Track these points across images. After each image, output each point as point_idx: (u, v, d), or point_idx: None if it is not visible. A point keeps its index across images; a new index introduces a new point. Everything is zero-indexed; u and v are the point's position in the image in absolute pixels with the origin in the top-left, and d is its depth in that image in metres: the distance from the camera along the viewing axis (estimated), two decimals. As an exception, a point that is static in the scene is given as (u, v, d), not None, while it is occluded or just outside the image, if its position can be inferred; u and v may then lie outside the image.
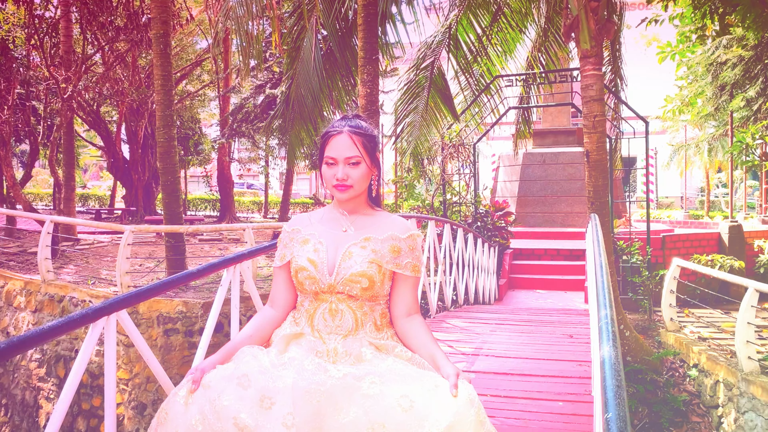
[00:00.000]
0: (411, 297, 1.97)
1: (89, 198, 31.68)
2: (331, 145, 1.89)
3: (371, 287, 1.86)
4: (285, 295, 2.03)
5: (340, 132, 1.89)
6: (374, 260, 1.87)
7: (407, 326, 1.94)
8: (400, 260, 1.92)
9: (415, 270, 1.96)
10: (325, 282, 1.86)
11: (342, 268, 1.86)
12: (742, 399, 5.56)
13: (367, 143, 1.91)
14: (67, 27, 12.57)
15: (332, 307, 1.88)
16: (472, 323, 6.43)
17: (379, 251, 1.89)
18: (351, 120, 1.93)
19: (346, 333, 1.86)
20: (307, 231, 1.98)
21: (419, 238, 1.98)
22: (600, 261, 2.85)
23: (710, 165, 23.65)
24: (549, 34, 10.18)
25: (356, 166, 1.88)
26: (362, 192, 1.95)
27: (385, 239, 1.91)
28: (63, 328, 1.96)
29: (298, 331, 1.90)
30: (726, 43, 12.88)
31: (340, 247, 1.90)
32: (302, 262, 1.89)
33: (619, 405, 1.18)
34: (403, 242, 1.93)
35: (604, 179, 6.95)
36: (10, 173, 13.02)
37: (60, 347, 8.64)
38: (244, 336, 1.95)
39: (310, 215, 2.05)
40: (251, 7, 7.74)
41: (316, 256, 1.89)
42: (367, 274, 1.85)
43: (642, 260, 9.28)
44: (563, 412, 3.52)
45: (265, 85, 17.20)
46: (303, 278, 1.89)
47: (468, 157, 12.13)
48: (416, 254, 1.96)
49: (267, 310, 2.04)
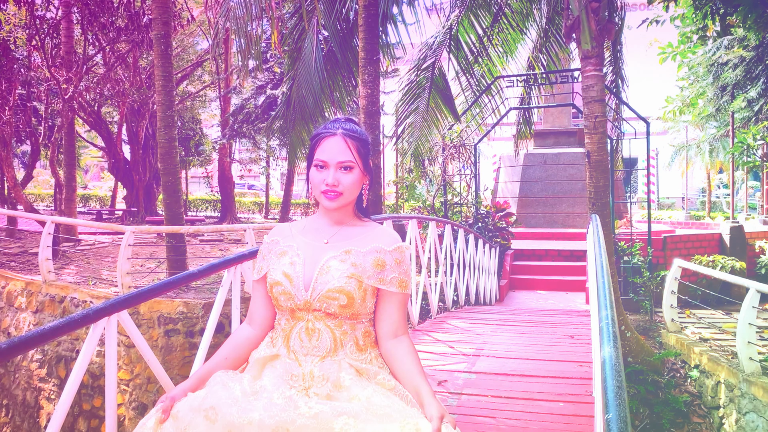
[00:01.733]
0: (398, 316, 1.79)
1: (90, 198, 31.70)
2: (322, 147, 1.76)
3: (350, 305, 1.70)
4: (263, 312, 1.88)
5: (333, 134, 1.76)
6: (354, 275, 1.71)
7: (393, 349, 1.76)
8: (384, 275, 1.75)
9: (403, 286, 1.78)
10: (301, 298, 1.72)
11: (318, 283, 1.71)
12: (743, 400, 5.55)
13: (361, 148, 1.78)
14: (68, 28, 12.58)
15: (309, 326, 1.72)
16: (473, 324, 6.43)
17: (360, 265, 1.73)
18: (345, 123, 1.81)
19: (323, 354, 1.71)
20: (286, 242, 1.84)
21: (408, 251, 1.83)
22: (601, 262, 2.85)
23: (711, 166, 23.64)
24: (550, 34, 10.19)
25: (349, 172, 1.75)
26: (352, 201, 1.81)
27: (368, 252, 1.76)
28: (64, 328, 1.96)
29: (274, 353, 1.75)
30: (727, 44, 12.89)
31: (319, 261, 1.75)
32: (277, 276, 1.75)
33: (619, 406, 1.18)
34: (388, 255, 1.77)
35: (605, 180, 6.95)
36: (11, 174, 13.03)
37: (61, 348, 8.64)
38: (220, 359, 1.82)
39: (292, 225, 1.91)
40: (251, 8, 7.74)
41: (291, 269, 1.75)
42: (345, 290, 1.69)
43: (643, 261, 9.28)
44: (564, 413, 3.52)
45: (266, 86, 17.21)
46: (278, 294, 1.75)
47: (469, 158, 12.13)
48: (404, 268, 1.79)
49: (244, 328, 1.89)
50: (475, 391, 3.92)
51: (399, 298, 1.79)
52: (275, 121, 10.66)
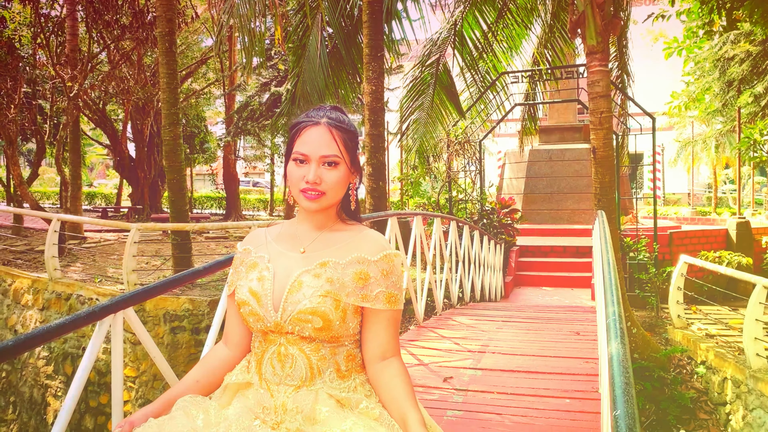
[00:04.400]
0: (386, 336, 1.52)
1: (96, 196, 31.79)
2: (303, 138, 1.50)
3: (327, 327, 1.45)
4: (239, 331, 1.64)
5: (316, 123, 1.50)
6: (329, 293, 1.45)
7: (380, 374, 1.51)
8: (368, 290, 1.48)
9: (391, 301, 1.51)
10: (271, 320, 1.47)
11: (288, 303, 1.46)
12: (750, 396, 5.53)
13: (348, 141, 1.52)
14: (72, 26, 12.60)
15: (281, 351, 1.48)
16: (479, 320, 6.43)
17: (337, 280, 1.47)
18: (330, 111, 1.55)
19: (298, 383, 1.47)
20: (257, 252, 1.59)
21: (398, 259, 1.54)
22: (607, 258, 2.84)
23: (717, 161, 23.53)
24: (555, 30, 10.16)
25: (333, 168, 1.49)
26: (336, 202, 1.56)
27: (348, 263, 1.49)
28: (70, 325, 1.96)
29: (247, 380, 1.54)
30: (733, 39, 12.81)
31: (291, 275, 1.50)
32: (243, 294, 1.52)
33: (627, 402, 1.17)
34: (373, 266, 1.50)
35: (611, 176, 6.93)
36: (17, 172, 13.07)
37: (67, 345, 8.67)
38: (190, 381, 1.62)
39: (268, 231, 1.65)
40: (255, 5, 7.74)
41: (259, 286, 1.50)
42: (319, 311, 1.43)
43: (649, 257, 9.25)
44: (570, 410, 3.51)
45: (270, 83, 17.21)
46: (246, 314, 1.51)
47: (474, 154, 12.10)
48: (392, 280, 1.52)
49: (220, 349, 1.67)
50: (480, 388, 3.92)
51: (387, 316, 1.52)
52: (280, 118, 10.65)
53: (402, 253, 1.57)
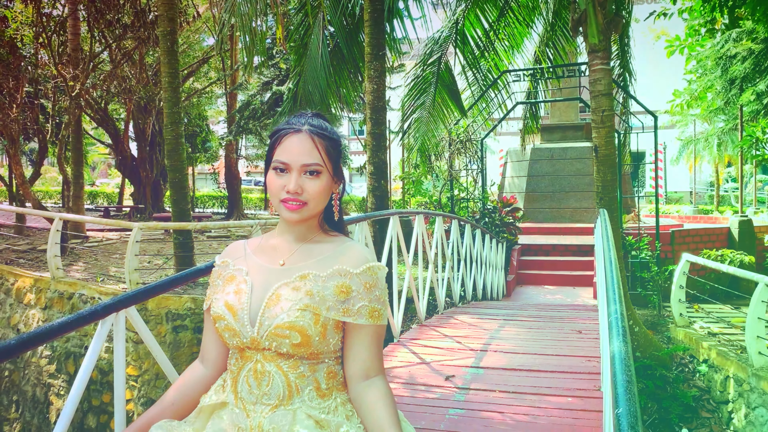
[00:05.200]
0: (370, 353, 1.45)
1: (98, 195, 31.82)
2: (284, 146, 1.44)
3: (306, 343, 1.38)
4: (216, 348, 1.58)
5: (297, 131, 1.45)
6: (308, 306, 1.38)
7: (362, 394, 1.43)
8: (350, 304, 1.42)
9: (375, 316, 1.44)
10: (247, 335, 1.41)
11: (266, 318, 1.40)
12: (752, 394, 5.53)
13: (331, 150, 1.47)
14: (74, 25, 12.61)
15: (258, 368, 1.42)
16: (481, 319, 6.43)
17: (317, 294, 1.40)
18: (312, 117, 1.49)
19: (275, 402, 1.40)
20: (235, 265, 1.53)
21: (382, 272, 1.48)
22: (609, 256, 2.84)
23: (719, 159, 23.51)
24: (556, 28, 10.15)
25: (315, 177, 1.43)
26: (319, 213, 1.50)
27: (329, 276, 1.43)
28: (73, 324, 1.97)
29: (222, 399, 1.48)
30: (736, 37, 12.78)
31: (269, 289, 1.44)
32: (219, 309, 1.46)
33: (629, 400, 1.17)
34: (355, 279, 1.43)
35: (613, 174, 6.92)
36: (20, 171, 13.09)
37: (70, 344, 8.69)
38: (165, 404, 1.55)
39: (248, 243, 1.60)
40: (256, 4, 7.74)
41: (236, 300, 1.44)
42: (297, 326, 1.37)
43: (651, 255, 9.24)
44: (572, 408, 3.51)
45: (272, 82, 17.22)
46: (222, 329, 1.45)
47: (475, 153, 12.10)
48: (376, 294, 1.45)
49: (196, 368, 1.60)
50: (482, 386, 3.92)
51: (370, 332, 1.45)
52: (281, 118, 10.66)
53: (384, 267, 1.49)
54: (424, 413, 3.46)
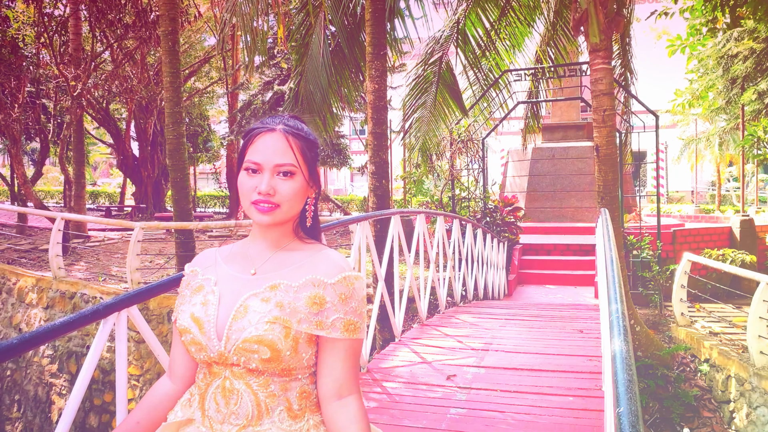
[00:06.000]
0: (343, 371, 1.35)
1: (99, 195, 31.89)
2: (256, 146, 1.36)
3: (276, 358, 1.28)
4: (185, 362, 1.48)
5: (271, 130, 1.37)
6: (278, 319, 1.29)
7: (335, 416, 1.33)
8: (323, 317, 1.32)
9: (350, 329, 1.34)
10: (214, 349, 1.32)
11: (233, 331, 1.31)
12: (754, 394, 5.52)
13: (306, 151, 1.39)
14: (76, 25, 12.63)
15: (226, 386, 1.33)
16: (482, 318, 6.43)
17: (288, 305, 1.31)
18: (288, 119, 1.42)
19: (244, 423, 1.32)
20: (204, 274, 1.44)
21: (359, 282, 1.38)
22: (610, 255, 2.83)
23: (721, 159, 23.49)
24: (558, 27, 10.14)
25: (289, 178, 1.35)
26: (293, 217, 1.41)
27: (301, 286, 1.33)
28: (74, 324, 1.97)
29: (188, 416, 1.39)
30: (737, 36, 12.78)
31: (237, 300, 1.35)
32: (185, 321, 1.37)
33: (630, 399, 1.18)
34: (329, 290, 1.34)
35: (614, 174, 6.92)
36: (21, 171, 13.11)
37: (71, 343, 8.70)
38: (131, 424, 1.46)
39: (219, 251, 1.51)
40: (257, 4, 7.74)
41: (203, 311, 1.35)
42: (266, 339, 1.27)
43: (652, 255, 9.24)
44: (573, 407, 3.51)
45: (273, 82, 17.23)
46: (188, 343, 1.36)
47: (477, 153, 12.10)
48: (352, 306, 1.35)
49: (163, 383, 1.51)
50: (484, 386, 3.92)
51: (345, 346, 1.35)
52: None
53: (361, 277, 1.41)
54: (425, 412, 3.47)
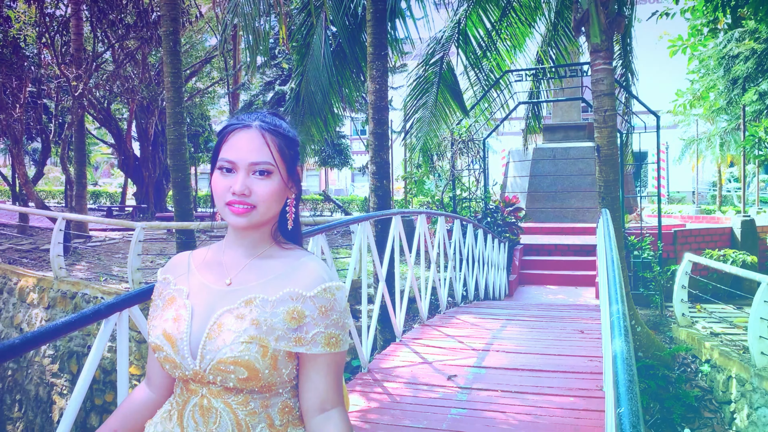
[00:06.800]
0: (326, 385, 1.27)
1: (101, 195, 31.90)
2: (230, 143, 1.27)
3: (254, 377, 1.21)
4: (162, 373, 1.39)
5: (246, 126, 1.27)
6: (254, 338, 1.20)
7: (319, 429, 1.27)
8: (302, 332, 1.23)
9: (332, 343, 1.26)
10: (189, 368, 1.24)
11: (207, 351, 1.22)
12: (755, 395, 5.52)
13: (285, 148, 1.29)
14: (77, 25, 12.64)
15: (204, 404, 1.25)
16: (483, 319, 6.43)
17: (264, 322, 1.22)
18: (266, 115, 1.32)
19: None
20: (177, 283, 1.35)
21: (340, 293, 1.29)
22: (611, 256, 2.84)
23: (722, 159, 23.47)
24: (559, 28, 10.14)
25: (266, 178, 1.25)
26: (270, 220, 1.31)
27: (278, 300, 1.24)
28: (76, 324, 1.97)
29: (168, 430, 1.32)
30: (738, 36, 12.78)
31: (212, 315, 1.25)
32: (157, 338, 1.27)
33: (631, 400, 1.18)
34: (308, 303, 1.24)
35: (615, 174, 6.92)
36: (23, 171, 13.12)
37: (73, 343, 8.71)
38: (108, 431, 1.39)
39: (193, 255, 1.41)
40: (259, 4, 7.75)
41: (175, 328, 1.26)
42: (242, 361, 1.19)
43: (653, 255, 9.23)
44: (574, 408, 3.51)
45: (274, 82, 17.25)
46: (162, 360, 1.28)
47: (477, 153, 12.10)
48: (333, 318, 1.26)
49: (141, 390, 1.44)
50: (485, 386, 3.92)
51: (327, 361, 1.27)
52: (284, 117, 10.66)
53: (343, 286, 1.31)
54: (426, 413, 3.47)
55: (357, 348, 4.31)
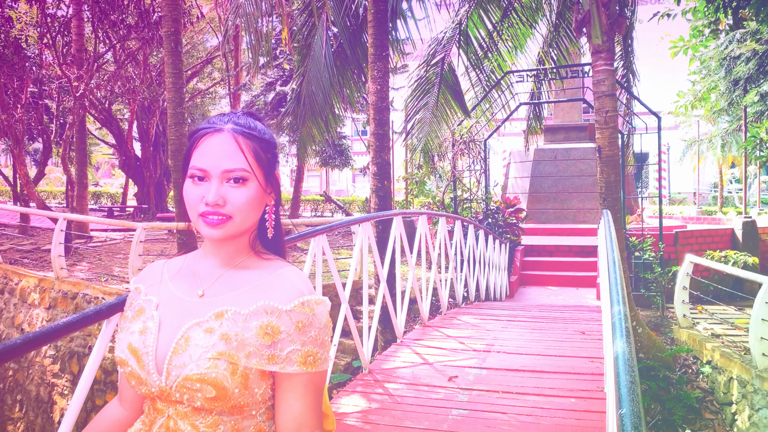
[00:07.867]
0: (302, 407, 1.15)
1: (102, 196, 31.92)
2: (201, 150, 1.16)
3: (223, 397, 1.11)
4: (132, 389, 1.27)
5: (218, 130, 1.17)
6: (223, 354, 1.11)
7: None
8: (277, 349, 1.13)
9: (309, 362, 1.15)
10: (155, 384, 1.15)
11: (173, 366, 1.13)
12: (756, 396, 5.52)
13: (261, 152, 1.19)
14: (78, 26, 12.66)
15: (170, 426, 1.15)
16: (483, 320, 6.42)
17: (235, 337, 1.12)
18: (240, 117, 1.22)
19: None
20: (147, 293, 1.26)
21: (320, 307, 1.19)
22: (613, 257, 2.83)
23: (723, 160, 23.49)
24: (560, 29, 10.15)
25: (241, 185, 1.16)
26: (248, 229, 1.22)
27: (251, 314, 1.14)
28: (77, 324, 1.97)
29: None
30: (739, 37, 12.78)
31: (179, 329, 1.16)
32: (122, 352, 1.19)
33: (633, 401, 1.17)
34: (284, 318, 1.14)
35: (616, 175, 6.92)
36: (24, 171, 13.13)
37: (73, 344, 8.71)
38: None
39: (168, 264, 1.32)
40: (261, 5, 7.76)
41: (141, 341, 1.17)
42: (209, 378, 1.10)
43: (654, 256, 9.23)
44: (575, 409, 3.51)
45: (275, 83, 17.25)
46: (127, 376, 1.19)
47: (478, 154, 12.10)
48: (311, 335, 1.15)
49: (113, 408, 1.37)
50: (486, 387, 3.92)
51: (304, 381, 1.15)
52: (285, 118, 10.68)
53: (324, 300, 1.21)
54: (427, 413, 3.46)
55: (358, 348, 4.31)
